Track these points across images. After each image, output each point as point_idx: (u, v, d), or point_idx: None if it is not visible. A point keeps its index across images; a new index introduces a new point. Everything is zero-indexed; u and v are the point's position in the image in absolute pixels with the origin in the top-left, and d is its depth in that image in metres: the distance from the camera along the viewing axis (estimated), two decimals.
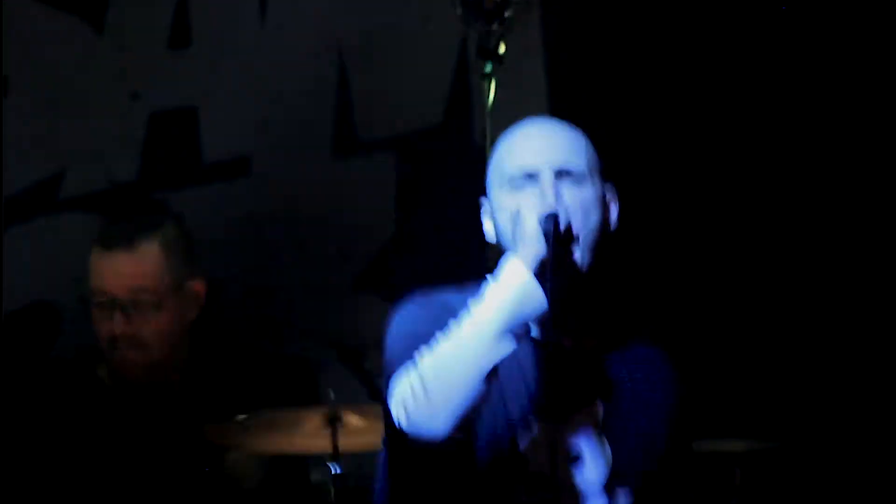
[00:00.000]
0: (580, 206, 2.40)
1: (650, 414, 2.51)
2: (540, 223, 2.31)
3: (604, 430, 2.46)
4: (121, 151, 4.76)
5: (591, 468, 2.44)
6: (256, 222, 4.74)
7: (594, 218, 2.43)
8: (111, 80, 4.75)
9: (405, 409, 2.28)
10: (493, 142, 3.10)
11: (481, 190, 2.50)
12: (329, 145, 4.82)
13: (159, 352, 3.73)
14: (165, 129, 4.78)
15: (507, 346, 2.26)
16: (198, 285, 3.82)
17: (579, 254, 2.39)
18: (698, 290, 4.68)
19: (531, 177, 2.41)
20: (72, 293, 4.19)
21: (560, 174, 2.41)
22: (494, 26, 4.13)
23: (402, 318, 2.50)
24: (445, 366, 2.28)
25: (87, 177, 4.75)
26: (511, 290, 2.28)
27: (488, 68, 4.11)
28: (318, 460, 3.55)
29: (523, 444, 2.41)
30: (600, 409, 2.47)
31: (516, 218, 2.38)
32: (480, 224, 2.47)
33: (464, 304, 2.36)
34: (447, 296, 2.48)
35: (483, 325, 2.27)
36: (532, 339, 2.37)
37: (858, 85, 4.76)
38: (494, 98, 4.03)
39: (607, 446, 2.46)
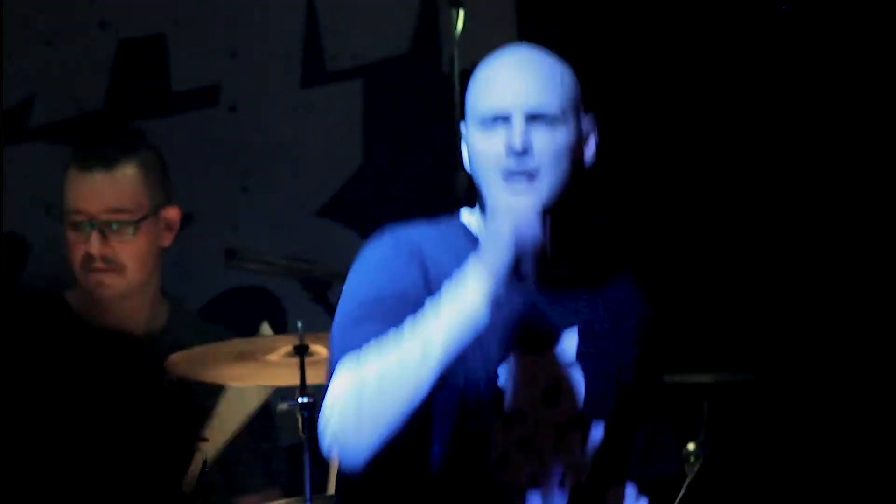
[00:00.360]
0: (552, 151, 2.41)
1: (621, 342, 2.54)
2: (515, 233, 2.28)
3: (579, 360, 2.48)
4: (89, 79, 4.73)
5: (567, 400, 2.47)
6: (224, 151, 4.74)
7: (566, 162, 2.44)
8: (80, 8, 4.72)
9: (334, 419, 2.31)
10: (461, 70, 3.09)
11: (448, 119, 2.52)
12: (298, 74, 4.81)
13: (135, 276, 3.73)
14: (134, 58, 4.76)
15: (454, 360, 2.27)
16: (173, 212, 3.82)
17: (547, 197, 2.40)
18: (673, 220, 4.69)
19: (504, 119, 2.41)
20: (41, 223, 4.19)
21: (533, 118, 2.41)
22: None
23: (368, 263, 2.48)
24: (388, 386, 2.27)
25: (56, 105, 4.72)
26: (466, 312, 2.25)
27: None
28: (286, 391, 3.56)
29: (501, 378, 2.42)
30: (575, 339, 2.49)
31: (494, 212, 2.39)
32: (447, 152, 2.48)
33: (435, 245, 2.43)
34: (418, 234, 2.47)
35: (433, 345, 2.25)
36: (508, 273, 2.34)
37: (849, 81, 4.78)
38: (463, 26, 4.02)
39: (582, 377, 2.48)
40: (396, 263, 2.42)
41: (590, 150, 2.52)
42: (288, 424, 3.53)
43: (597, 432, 2.49)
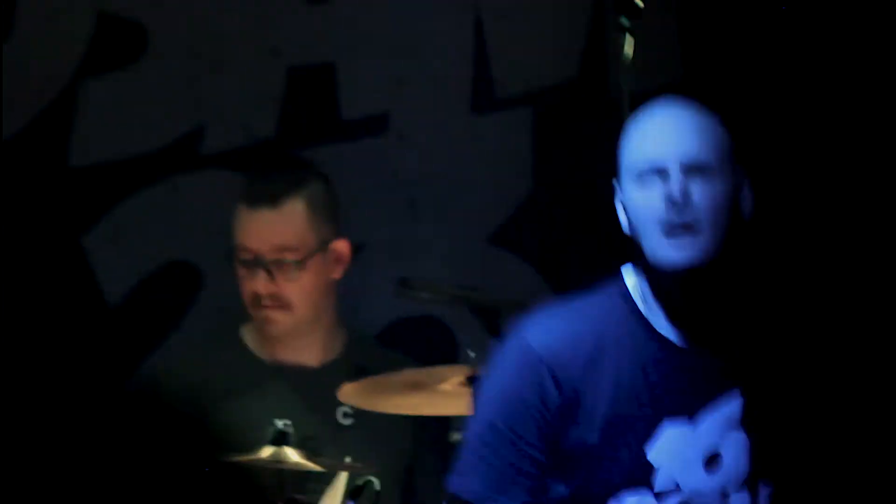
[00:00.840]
0: (712, 203, 2.36)
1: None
2: None
3: (743, 425, 2.42)
4: (260, 107, 4.77)
5: (731, 465, 2.41)
6: (393, 179, 4.74)
7: (725, 214, 2.38)
8: (251, 36, 4.76)
9: None
10: (629, 96, 3.06)
11: (616, 144, 2.46)
12: (467, 101, 4.80)
13: (303, 312, 3.76)
14: (304, 86, 4.79)
15: None
16: (342, 245, 3.84)
17: (705, 252, 2.35)
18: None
19: (660, 172, 2.35)
20: (214, 251, 4.22)
21: (690, 169, 2.36)
22: None
23: (492, 383, 2.49)
24: None
25: (227, 133, 4.77)
26: None
27: (625, 22, 4.09)
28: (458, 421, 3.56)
29: (650, 450, 2.38)
30: (737, 403, 2.42)
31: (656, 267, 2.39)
32: (616, 178, 2.43)
33: (577, 347, 2.38)
34: (553, 341, 2.42)
35: None
36: (664, 340, 2.38)
37: None
38: (632, 52, 4.00)
39: (746, 441, 2.42)
40: (514, 394, 2.44)
41: (746, 201, 2.45)
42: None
43: (764, 494, 2.44)
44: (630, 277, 2.46)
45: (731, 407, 2.41)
